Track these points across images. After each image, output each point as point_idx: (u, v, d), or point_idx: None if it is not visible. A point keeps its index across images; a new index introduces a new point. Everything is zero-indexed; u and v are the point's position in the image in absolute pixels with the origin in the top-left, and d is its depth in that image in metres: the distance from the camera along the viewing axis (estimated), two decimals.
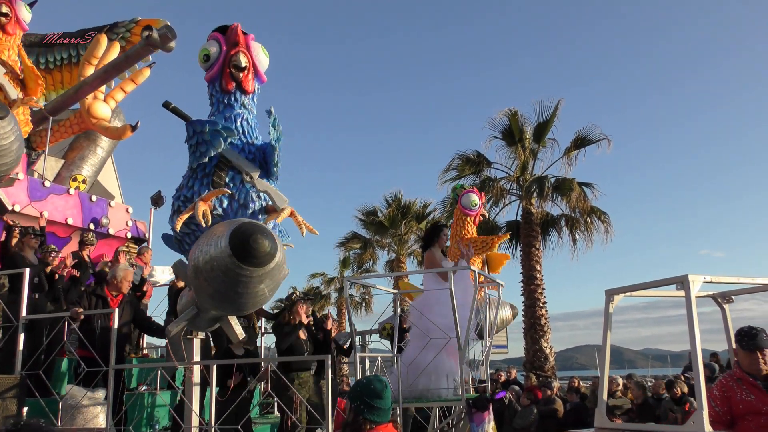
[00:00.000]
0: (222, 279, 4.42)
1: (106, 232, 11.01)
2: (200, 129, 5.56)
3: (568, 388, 13.79)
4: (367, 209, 30.41)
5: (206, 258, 4.45)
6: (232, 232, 4.26)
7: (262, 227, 4.42)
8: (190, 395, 6.63)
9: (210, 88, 6.00)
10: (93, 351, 7.07)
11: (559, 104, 21.95)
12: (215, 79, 5.92)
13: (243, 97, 5.93)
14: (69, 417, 6.89)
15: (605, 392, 6.04)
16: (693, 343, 5.51)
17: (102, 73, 8.82)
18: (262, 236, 4.25)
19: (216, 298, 4.83)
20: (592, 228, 21.47)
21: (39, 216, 9.67)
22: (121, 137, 10.55)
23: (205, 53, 5.85)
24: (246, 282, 4.39)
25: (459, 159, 22.64)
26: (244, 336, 6.16)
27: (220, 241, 4.30)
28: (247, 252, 4.19)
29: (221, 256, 4.30)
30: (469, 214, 9.03)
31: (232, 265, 4.27)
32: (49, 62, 10.96)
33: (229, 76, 5.83)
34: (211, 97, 6.00)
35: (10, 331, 7.37)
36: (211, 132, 5.50)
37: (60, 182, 10.88)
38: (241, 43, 5.82)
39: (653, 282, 5.86)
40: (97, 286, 8.05)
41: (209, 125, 5.54)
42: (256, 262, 4.26)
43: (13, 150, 6.31)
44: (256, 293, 4.56)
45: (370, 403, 3.49)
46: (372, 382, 3.60)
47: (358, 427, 3.49)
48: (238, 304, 4.74)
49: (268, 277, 4.47)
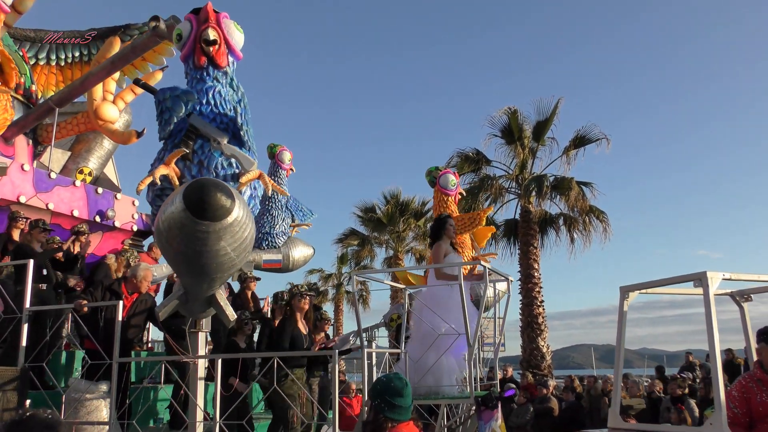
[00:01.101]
0: (179, 237, 4.14)
1: (112, 225, 10.69)
2: (162, 97, 5.52)
3: (564, 386, 13.64)
4: (366, 206, 30.03)
5: (163, 217, 4.19)
6: (186, 187, 4.02)
7: (218, 182, 4.14)
8: (194, 390, 6.37)
9: (185, 67, 5.91)
10: (96, 344, 6.80)
11: (559, 103, 21.61)
12: (188, 57, 5.84)
13: (216, 72, 5.83)
14: (72, 410, 6.61)
15: (619, 392, 5.73)
16: (711, 342, 5.21)
17: (109, 64, 8.50)
18: (215, 189, 3.95)
19: (178, 261, 4.57)
20: (590, 227, 21.11)
21: (44, 207, 9.35)
22: (126, 142, 10.23)
23: (178, 33, 5.81)
24: (204, 239, 4.08)
25: (458, 157, 22.25)
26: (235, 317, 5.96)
27: (176, 198, 4.05)
28: (200, 205, 3.91)
29: (176, 211, 4.02)
30: (449, 194, 8.84)
31: (187, 220, 3.99)
32: (60, 59, 10.61)
33: (200, 51, 5.74)
34: (186, 76, 5.91)
35: (14, 322, 7.09)
36: (172, 98, 5.47)
37: (66, 174, 10.56)
38: (212, 19, 5.74)
39: (669, 279, 5.56)
40: (115, 281, 7.72)
41: (169, 91, 5.51)
42: (209, 215, 3.94)
43: None
44: (218, 252, 4.22)
45: (391, 401, 3.38)
46: (392, 380, 3.49)
47: (378, 426, 3.38)
48: (200, 265, 4.42)
49: (227, 233, 4.14)
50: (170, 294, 6.13)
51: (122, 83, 10.66)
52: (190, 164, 5.53)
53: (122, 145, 10.78)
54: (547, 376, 18.34)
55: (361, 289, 31.25)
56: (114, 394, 6.46)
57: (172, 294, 5.66)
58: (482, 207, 21.08)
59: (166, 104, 5.51)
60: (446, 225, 7.13)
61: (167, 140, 5.73)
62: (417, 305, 6.99)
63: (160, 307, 5.82)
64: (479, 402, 6.27)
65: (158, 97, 5.60)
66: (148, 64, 10.18)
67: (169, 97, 5.49)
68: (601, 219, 21.00)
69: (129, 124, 10.94)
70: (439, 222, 7.28)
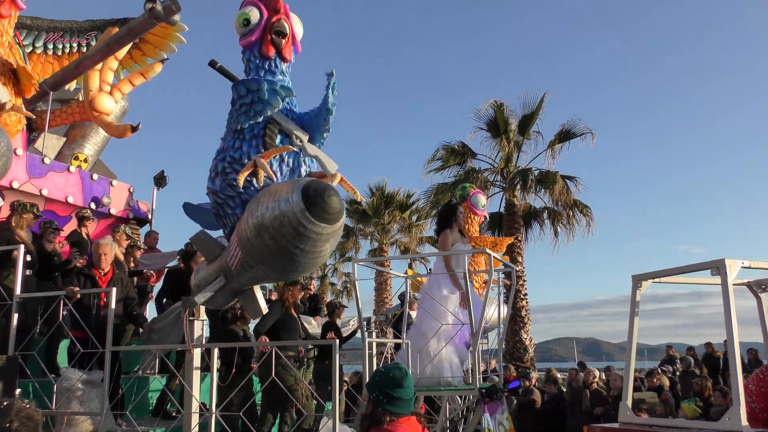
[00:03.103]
0: (291, 235, 4.06)
1: (107, 212, 10.04)
2: (256, 87, 4.92)
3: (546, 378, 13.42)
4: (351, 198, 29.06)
5: (275, 213, 4.07)
6: (304, 188, 4.00)
7: (332, 186, 4.17)
8: (190, 379, 5.85)
9: (247, 54, 5.27)
10: (89, 331, 6.24)
11: (545, 97, 20.92)
12: (253, 45, 5.22)
13: (282, 65, 5.29)
14: (64, 400, 6.06)
15: (630, 385, 5.22)
16: (730, 333, 4.74)
17: (104, 46, 7.87)
18: (335, 194, 4.05)
19: (277, 257, 4.35)
20: (573, 221, 20.57)
21: (38, 193, 8.71)
22: (121, 136, 9.60)
23: (245, 17, 5.16)
24: (315, 240, 4.08)
25: (444, 149, 21.59)
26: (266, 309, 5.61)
27: (292, 196, 4.01)
28: (322, 207, 3.95)
29: (293, 210, 3.97)
30: (477, 214, 8.30)
31: (305, 220, 3.96)
32: (57, 48, 9.92)
33: (270, 43, 5.18)
34: (248, 63, 5.28)
35: (3, 310, 6.51)
36: (269, 90, 4.88)
37: (61, 161, 9.90)
38: (282, 9, 5.20)
39: (684, 267, 5.06)
40: (85, 266, 7.16)
41: (267, 83, 4.92)
42: (329, 218, 4.00)
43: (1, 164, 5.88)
44: (320, 253, 4.26)
45: (390, 393, 2.97)
46: (391, 370, 3.06)
47: (377, 420, 2.97)
48: (298, 263, 4.33)
49: (333, 236, 4.20)
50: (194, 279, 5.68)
51: (119, 74, 10.01)
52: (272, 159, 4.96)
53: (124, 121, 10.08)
54: (530, 368, 17.91)
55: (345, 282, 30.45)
56: (107, 383, 5.90)
57: (211, 285, 5.19)
58: None
59: (261, 95, 4.89)
60: (456, 212, 6.64)
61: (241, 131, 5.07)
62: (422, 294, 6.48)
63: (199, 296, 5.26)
64: (484, 394, 5.79)
65: (250, 86, 4.96)
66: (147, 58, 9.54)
67: (267, 89, 4.88)
68: (584, 213, 20.51)
69: (126, 111, 10.30)
70: (449, 209, 6.78)
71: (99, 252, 6.89)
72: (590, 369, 12.25)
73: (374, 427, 2.97)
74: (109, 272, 6.92)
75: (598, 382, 11.32)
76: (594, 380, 11.16)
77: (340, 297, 33.09)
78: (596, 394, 10.74)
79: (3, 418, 2.41)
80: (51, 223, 7.91)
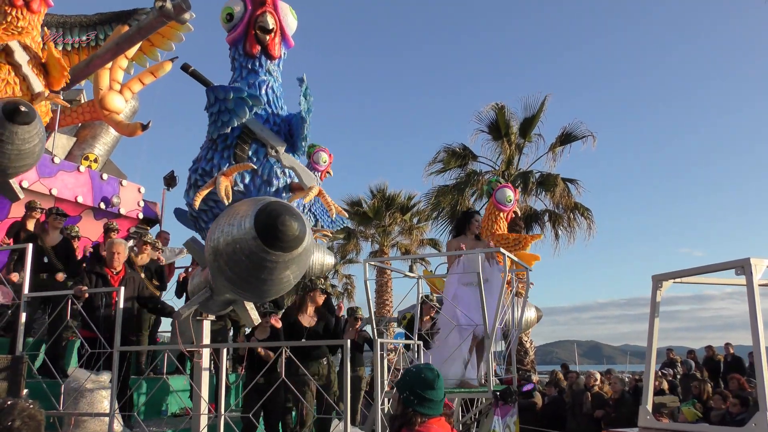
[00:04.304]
0: (245, 264, 3.58)
1: (117, 212, 9.74)
2: (223, 96, 4.47)
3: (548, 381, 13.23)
4: (352, 199, 28.01)
5: (228, 240, 3.61)
6: (257, 212, 3.50)
7: (290, 207, 3.57)
8: (199, 380, 5.56)
9: (232, 51, 4.87)
10: (97, 331, 5.95)
11: (546, 100, 20.37)
12: (238, 42, 4.80)
13: (268, 63, 4.82)
14: (72, 400, 5.75)
15: (651, 389, 4.91)
16: (756, 334, 4.43)
17: (113, 45, 7.54)
18: (290, 218, 3.47)
19: (236, 284, 3.91)
20: (574, 224, 20.01)
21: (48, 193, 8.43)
22: (131, 135, 9.25)
23: (229, 12, 4.74)
24: (271, 268, 3.57)
25: (445, 152, 21.04)
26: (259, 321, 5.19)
27: (244, 222, 3.53)
28: (275, 235, 3.42)
29: (245, 238, 3.49)
30: (503, 210, 7.76)
31: (257, 249, 3.46)
32: (66, 44, 9.61)
33: (254, 39, 4.72)
34: (233, 61, 4.89)
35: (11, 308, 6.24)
36: (236, 99, 4.43)
37: (72, 161, 9.60)
38: (268, 2, 4.72)
39: (707, 267, 4.75)
40: (96, 264, 6.87)
41: (233, 92, 4.46)
42: (283, 247, 3.47)
43: (36, 152, 5.54)
44: (281, 280, 3.72)
45: (422, 394, 2.86)
46: (422, 371, 2.94)
47: (407, 421, 2.87)
48: (260, 291, 3.87)
49: (295, 263, 3.65)
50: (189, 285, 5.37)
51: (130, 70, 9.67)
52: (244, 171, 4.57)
53: None
54: (531, 371, 17.55)
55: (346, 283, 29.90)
56: (115, 384, 5.61)
57: (196, 297, 4.81)
58: (468, 203, 20.21)
59: (228, 105, 4.48)
60: (471, 220, 6.32)
61: (216, 140, 4.72)
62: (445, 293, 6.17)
63: (183, 308, 4.96)
64: (498, 397, 5.49)
65: (218, 94, 4.55)
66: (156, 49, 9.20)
67: (232, 98, 4.46)
68: (585, 216, 20.01)
69: (136, 111, 10.00)
70: (463, 217, 6.46)
71: (112, 251, 6.61)
72: (591, 372, 12.04)
73: (405, 427, 2.87)
74: (121, 272, 6.63)
75: (599, 385, 11.08)
76: (596, 383, 10.94)
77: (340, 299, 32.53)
78: (597, 397, 10.52)
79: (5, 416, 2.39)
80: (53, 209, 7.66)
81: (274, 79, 4.88)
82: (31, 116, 5.17)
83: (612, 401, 10.24)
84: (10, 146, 5.14)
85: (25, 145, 5.24)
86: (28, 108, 5.18)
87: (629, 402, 10.16)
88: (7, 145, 5.16)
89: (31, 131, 5.22)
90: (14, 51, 6.54)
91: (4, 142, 5.15)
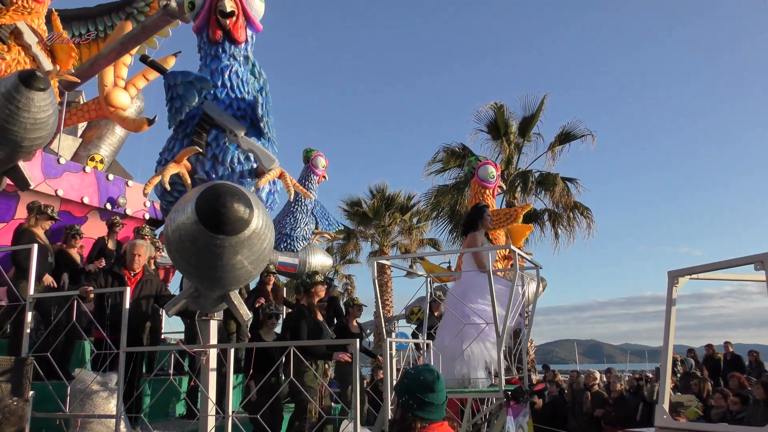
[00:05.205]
0: (192, 250, 3.38)
1: (123, 213, 9.50)
2: (173, 82, 4.40)
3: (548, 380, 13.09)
4: (352, 200, 27.66)
5: (173, 227, 3.41)
6: (198, 196, 3.28)
7: (235, 189, 3.29)
8: (205, 381, 5.33)
9: (198, 40, 4.79)
10: (103, 332, 5.74)
11: (545, 99, 20.17)
12: (202, 29, 4.72)
13: (232, 48, 4.71)
14: (78, 402, 5.53)
15: (668, 387, 4.66)
16: None
17: (118, 45, 7.38)
18: (231, 199, 3.20)
19: (191, 273, 3.76)
20: (574, 223, 19.79)
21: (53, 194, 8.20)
22: (138, 130, 9.10)
23: (191, 1, 4.68)
24: (218, 253, 3.32)
25: (444, 152, 20.84)
26: (250, 316, 4.94)
27: (187, 207, 3.32)
28: (215, 218, 3.18)
29: (187, 223, 3.28)
30: (488, 187, 7.56)
31: (200, 233, 3.24)
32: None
33: (215, 24, 4.62)
34: (199, 50, 4.80)
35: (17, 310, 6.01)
36: (184, 84, 4.35)
37: (77, 162, 9.38)
38: None
39: (724, 262, 4.50)
40: (115, 264, 6.65)
41: (181, 76, 4.39)
42: (226, 230, 3.21)
43: (50, 123, 5.34)
44: (234, 266, 3.46)
45: (422, 397, 2.60)
46: (422, 372, 2.69)
47: (407, 426, 2.61)
48: (216, 278, 3.63)
49: (245, 247, 3.36)
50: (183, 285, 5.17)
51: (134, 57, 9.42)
52: (203, 158, 4.45)
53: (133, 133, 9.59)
54: (531, 370, 17.35)
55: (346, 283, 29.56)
56: (121, 385, 5.39)
57: (182, 292, 4.70)
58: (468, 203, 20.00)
59: (177, 91, 4.42)
60: (483, 215, 6.10)
61: (178, 128, 4.65)
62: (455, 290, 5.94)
63: (168, 304, 4.78)
64: (509, 397, 5.26)
65: (168, 81, 4.49)
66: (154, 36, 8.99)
67: (180, 83, 4.38)
68: (585, 215, 19.79)
69: (141, 111, 9.78)
70: (477, 211, 6.24)
71: (133, 252, 6.39)
72: (590, 371, 11.84)
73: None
74: (139, 273, 6.40)
75: (599, 384, 10.93)
76: (595, 382, 10.77)
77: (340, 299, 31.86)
78: (597, 396, 10.34)
79: None
80: (71, 228, 7.49)
81: (239, 64, 4.74)
82: (47, 83, 5.05)
83: (612, 400, 10.10)
84: (27, 114, 4.99)
85: (41, 114, 5.09)
86: (43, 75, 5.06)
87: (629, 401, 10.02)
88: (24, 113, 5.01)
89: (46, 99, 5.09)
90: (23, 32, 6.59)
91: (20, 110, 5.00)
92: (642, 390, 10.58)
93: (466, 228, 6.25)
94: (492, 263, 5.30)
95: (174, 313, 4.82)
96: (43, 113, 5.11)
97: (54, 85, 7.03)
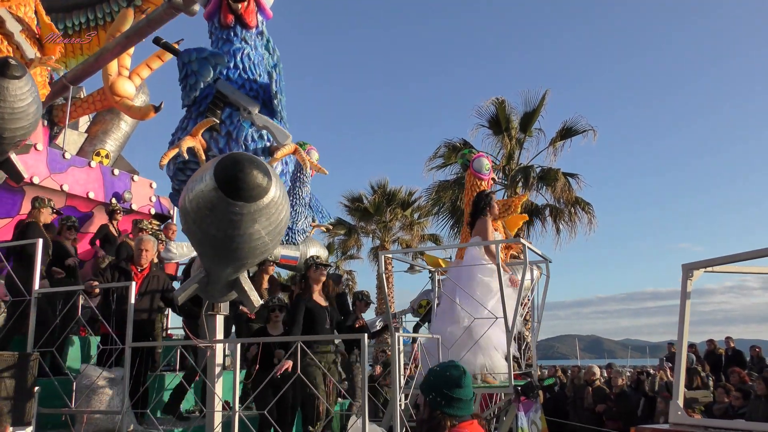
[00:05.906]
0: (210, 219, 3.31)
1: (129, 208, 9.34)
2: (188, 59, 4.38)
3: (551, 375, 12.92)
4: (353, 195, 27.16)
5: (191, 196, 3.35)
6: (217, 164, 3.22)
7: (253, 158, 3.24)
8: (212, 377, 5.18)
9: (209, 26, 4.77)
10: (109, 327, 5.60)
11: (546, 94, 19.88)
12: (213, 14, 4.71)
13: (244, 32, 4.71)
14: (84, 398, 5.39)
15: (682, 383, 4.50)
16: None
17: (123, 39, 7.21)
18: (251, 165, 3.16)
19: (207, 244, 3.64)
20: (575, 218, 19.47)
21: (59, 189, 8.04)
22: (144, 118, 8.91)
23: None
24: (237, 221, 3.26)
25: (445, 147, 20.48)
26: (260, 302, 4.83)
27: (205, 175, 3.25)
28: (235, 184, 3.13)
29: (206, 190, 3.22)
30: (483, 179, 7.41)
31: (218, 200, 3.18)
32: (68, 27, 9.18)
33: (227, 9, 4.62)
34: (210, 36, 4.77)
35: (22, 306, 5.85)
36: (198, 60, 4.34)
37: (83, 157, 9.21)
38: None
39: (740, 255, 4.33)
40: (122, 259, 6.48)
41: (195, 53, 4.39)
42: (245, 196, 3.16)
43: (31, 113, 5.03)
44: (251, 236, 3.40)
45: (449, 394, 2.48)
46: (447, 369, 2.57)
47: (437, 425, 2.48)
48: (232, 249, 3.54)
49: (263, 215, 3.31)
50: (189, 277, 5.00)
51: None
52: (217, 135, 4.42)
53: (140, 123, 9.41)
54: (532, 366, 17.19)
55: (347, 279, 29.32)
56: (127, 381, 5.25)
57: (191, 278, 4.53)
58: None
59: (192, 67, 4.39)
60: (490, 201, 5.93)
61: (191, 107, 4.61)
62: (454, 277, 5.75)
63: (178, 291, 4.65)
64: (519, 392, 5.11)
65: (182, 58, 4.46)
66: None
67: (195, 60, 4.36)
68: (586, 210, 19.52)
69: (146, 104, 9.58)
70: (483, 198, 6.06)
71: (141, 247, 6.22)
72: (591, 366, 11.73)
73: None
74: (146, 269, 6.23)
75: (600, 379, 10.80)
76: (596, 377, 10.64)
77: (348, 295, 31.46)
78: (598, 391, 10.22)
79: None
80: (68, 219, 7.28)
81: (251, 47, 4.72)
82: (22, 70, 4.79)
83: (613, 395, 9.99)
84: (3, 103, 4.76)
85: (18, 104, 4.84)
86: (17, 63, 4.81)
87: (630, 396, 9.90)
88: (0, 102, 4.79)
89: (23, 87, 4.83)
90: (5, 20, 6.38)
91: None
92: (643, 385, 10.47)
93: (473, 215, 6.07)
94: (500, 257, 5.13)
95: (185, 299, 4.67)
96: (21, 102, 4.86)
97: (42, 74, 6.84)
